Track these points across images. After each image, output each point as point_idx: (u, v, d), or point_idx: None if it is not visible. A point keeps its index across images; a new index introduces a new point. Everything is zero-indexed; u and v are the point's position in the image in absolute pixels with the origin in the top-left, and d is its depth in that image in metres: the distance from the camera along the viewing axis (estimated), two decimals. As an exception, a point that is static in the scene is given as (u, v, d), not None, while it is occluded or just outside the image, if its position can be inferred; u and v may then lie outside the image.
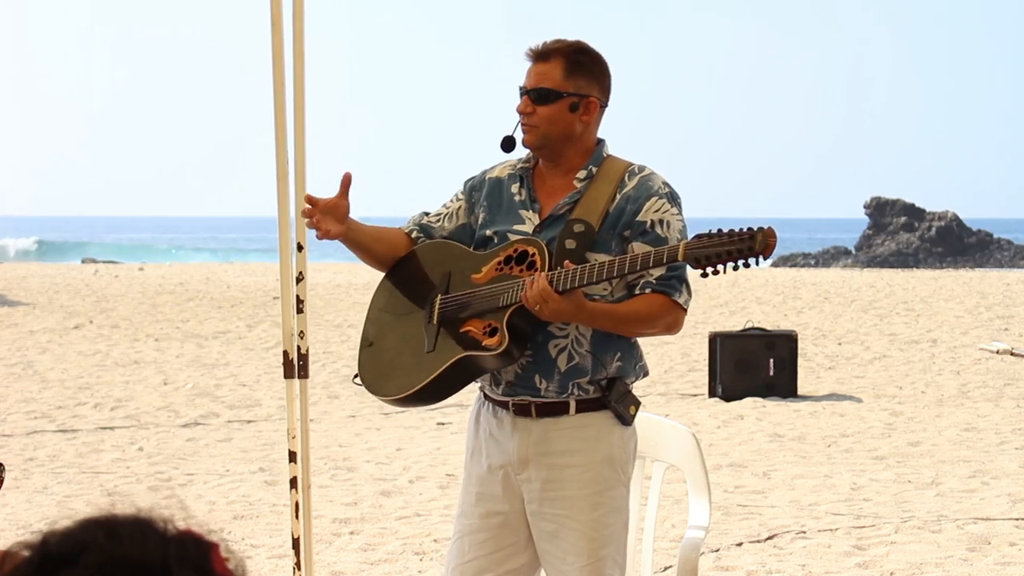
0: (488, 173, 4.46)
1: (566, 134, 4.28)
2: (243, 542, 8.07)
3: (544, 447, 4.25)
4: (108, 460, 10.57)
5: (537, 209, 4.32)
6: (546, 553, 4.29)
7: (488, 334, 4.20)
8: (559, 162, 4.33)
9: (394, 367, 4.40)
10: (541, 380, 4.23)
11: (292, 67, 5.17)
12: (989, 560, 7.68)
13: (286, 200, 5.23)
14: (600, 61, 4.33)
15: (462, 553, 4.37)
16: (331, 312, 22.32)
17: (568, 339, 4.22)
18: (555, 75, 4.26)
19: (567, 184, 4.32)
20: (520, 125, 4.30)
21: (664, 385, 14.79)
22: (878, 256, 51.71)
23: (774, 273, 35.72)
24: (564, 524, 4.24)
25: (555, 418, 4.25)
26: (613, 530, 4.26)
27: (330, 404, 13.47)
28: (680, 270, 4.21)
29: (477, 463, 4.38)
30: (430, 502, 9.12)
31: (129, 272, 32.76)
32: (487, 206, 4.40)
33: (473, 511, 4.36)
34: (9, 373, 15.37)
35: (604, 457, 4.24)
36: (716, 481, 9.53)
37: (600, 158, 4.32)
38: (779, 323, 20.40)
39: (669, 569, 7.36)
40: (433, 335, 4.33)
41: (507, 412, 4.29)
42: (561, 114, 4.26)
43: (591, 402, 4.24)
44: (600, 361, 4.22)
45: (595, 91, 4.30)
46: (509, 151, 4.38)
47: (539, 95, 4.26)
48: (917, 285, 29.07)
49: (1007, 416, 12.82)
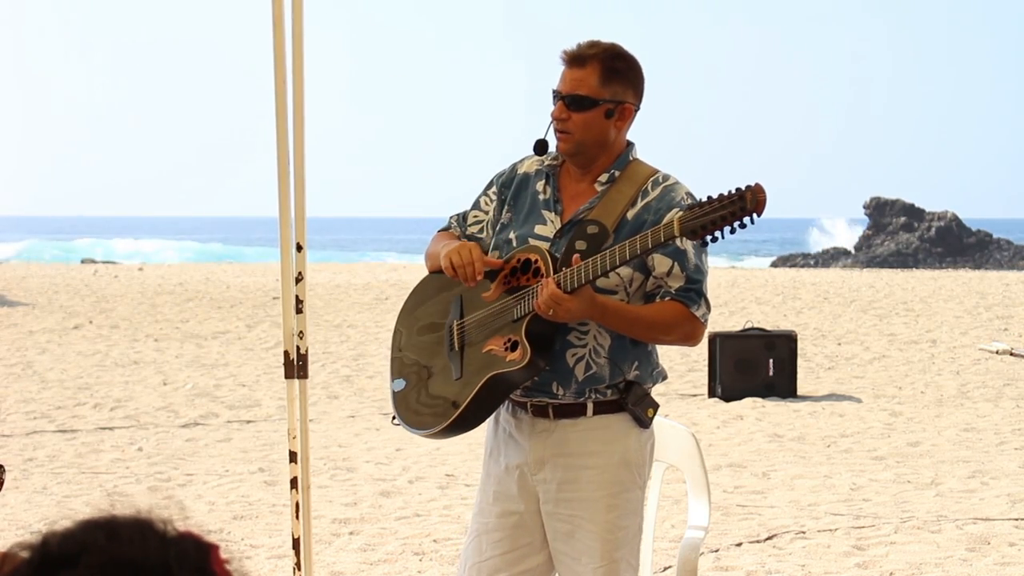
0: (518, 167, 4.42)
1: (600, 141, 4.24)
2: (243, 542, 8.07)
3: (561, 448, 4.24)
4: (108, 460, 10.57)
5: (559, 211, 4.29)
6: (560, 554, 4.27)
7: (510, 349, 4.18)
8: (590, 167, 4.30)
9: (427, 401, 4.37)
10: (558, 387, 4.22)
11: (292, 67, 5.17)
12: (989, 560, 7.68)
13: (286, 200, 5.23)
14: (635, 66, 4.28)
15: (479, 551, 4.36)
16: (331, 312, 22.32)
17: (586, 348, 4.20)
18: (591, 81, 4.21)
19: (591, 188, 4.29)
20: (554, 131, 4.26)
21: (664, 385, 14.75)
22: (878, 256, 51.73)
23: (774, 273, 35.73)
24: (579, 525, 4.22)
25: (573, 419, 4.23)
26: (628, 532, 4.25)
27: (330, 404, 13.47)
28: (699, 283, 4.18)
29: (495, 462, 4.36)
30: (430, 502, 9.12)
31: (128, 272, 32.76)
32: (513, 205, 4.37)
33: (490, 510, 4.36)
34: (9, 373, 15.37)
35: (621, 459, 4.23)
36: (716, 481, 9.53)
37: (625, 162, 4.29)
38: (779, 323, 20.40)
39: (669, 569, 7.37)
40: (458, 362, 4.31)
41: (526, 412, 4.28)
42: (597, 121, 4.22)
43: (609, 404, 4.23)
44: (619, 368, 4.21)
45: (630, 96, 4.26)
46: (542, 154, 4.34)
47: (575, 101, 4.21)
48: (917, 285, 29.06)
49: (1007, 416, 12.83)
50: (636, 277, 4.21)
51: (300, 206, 5.25)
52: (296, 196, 5.21)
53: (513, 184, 4.39)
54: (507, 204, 4.38)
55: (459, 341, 4.33)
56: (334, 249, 73.12)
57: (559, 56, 4.27)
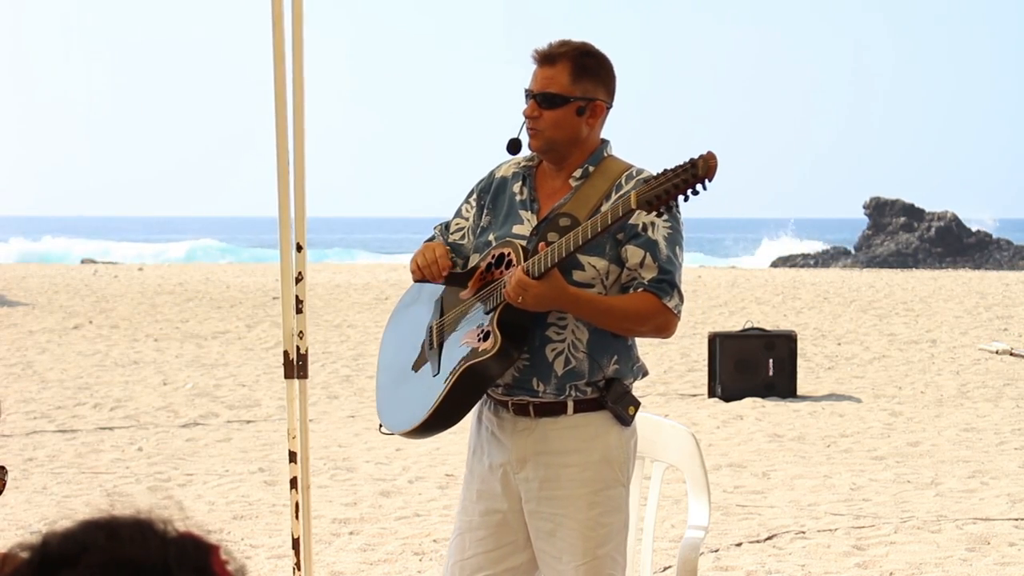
0: (495, 172, 4.48)
1: (572, 138, 4.29)
2: (242, 542, 8.07)
3: (542, 446, 4.26)
4: (107, 460, 10.57)
5: (536, 209, 4.34)
6: (543, 552, 4.29)
7: (482, 339, 4.22)
8: (563, 165, 4.34)
9: (407, 400, 4.42)
10: (539, 383, 4.24)
11: (292, 67, 5.18)
12: (988, 560, 7.68)
13: (286, 200, 5.23)
14: (606, 63, 4.34)
15: (462, 549, 4.39)
16: (330, 312, 22.32)
17: (565, 343, 4.23)
18: (562, 79, 4.26)
19: (566, 185, 4.34)
20: (526, 129, 4.31)
21: (664, 385, 14.79)
22: (877, 256, 51.72)
23: (773, 273, 35.74)
24: (561, 523, 4.24)
25: (553, 418, 4.26)
26: (611, 529, 4.26)
27: (329, 404, 13.47)
28: (672, 275, 4.21)
29: (479, 460, 4.40)
30: (429, 502, 9.12)
31: (128, 272, 32.76)
32: (492, 209, 4.43)
33: (473, 508, 4.38)
34: (8, 373, 15.37)
35: (602, 457, 4.24)
36: (715, 481, 9.53)
37: (599, 158, 4.33)
38: (778, 323, 20.41)
39: (669, 569, 7.37)
40: (436, 359, 4.37)
41: (507, 411, 4.31)
42: (568, 118, 4.26)
43: (589, 402, 4.25)
44: (597, 363, 4.23)
45: (601, 94, 4.31)
46: (515, 153, 4.39)
47: (546, 99, 4.26)
48: (916, 285, 29.07)
49: (1006, 416, 12.83)
50: (612, 270, 4.23)
51: (300, 206, 5.26)
52: (296, 196, 5.21)
53: (491, 189, 4.44)
54: (486, 209, 4.44)
55: (437, 339, 4.40)
56: (335, 248, 73.08)
57: (530, 56, 4.31)
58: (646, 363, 4.45)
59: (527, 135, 4.32)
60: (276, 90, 5.19)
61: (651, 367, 15.93)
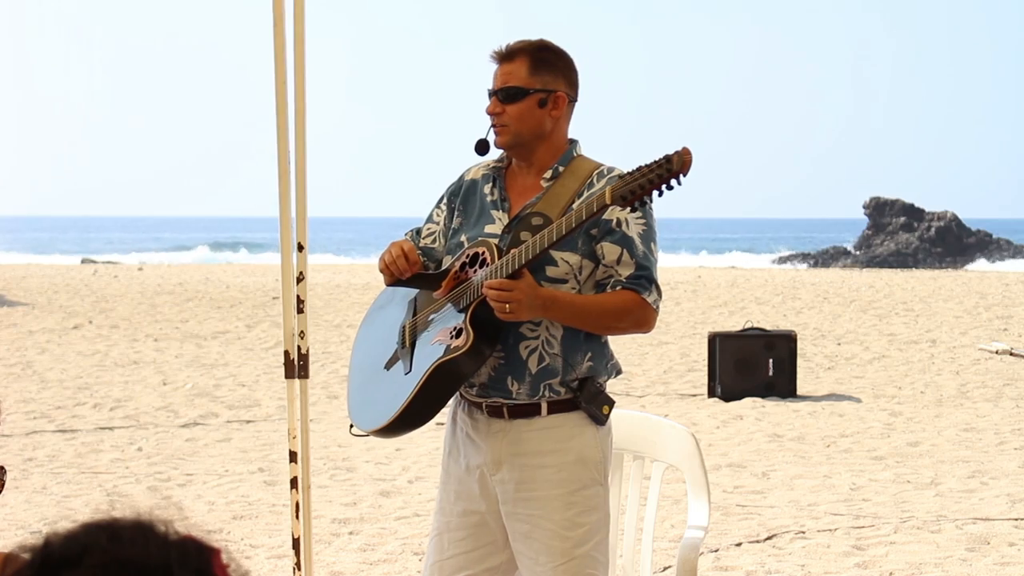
0: (465, 176, 4.51)
1: (537, 131, 4.31)
2: (242, 542, 8.07)
3: (517, 448, 4.26)
4: (107, 460, 10.58)
5: (507, 208, 4.36)
6: (520, 555, 4.29)
7: (454, 336, 4.23)
8: (531, 160, 4.36)
9: (378, 399, 4.42)
10: (513, 382, 4.24)
11: (293, 67, 5.18)
12: (988, 560, 7.68)
13: (287, 200, 5.23)
14: (564, 56, 4.37)
15: (440, 550, 4.39)
16: (330, 312, 22.33)
17: (539, 340, 4.23)
18: (521, 73, 4.30)
19: (537, 184, 4.35)
20: (492, 127, 4.33)
21: (663, 385, 14.79)
22: (877, 256, 51.75)
23: (773, 273, 35.75)
24: (537, 524, 4.23)
25: (527, 419, 4.26)
26: (589, 529, 4.25)
27: (329, 404, 13.48)
28: (649, 270, 4.23)
29: (455, 461, 4.39)
30: (429, 502, 9.12)
31: (128, 272, 32.77)
32: (463, 211, 4.44)
33: (451, 509, 4.38)
34: (8, 373, 15.38)
35: (577, 457, 4.24)
36: (715, 481, 9.53)
37: (569, 158, 4.35)
38: (778, 323, 20.41)
39: (668, 569, 7.37)
40: (408, 357, 4.38)
41: (481, 413, 4.31)
42: (531, 111, 4.29)
43: (563, 403, 4.25)
44: (570, 363, 4.23)
45: (562, 85, 4.33)
46: (483, 154, 4.41)
47: (507, 94, 4.29)
48: (916, 285, 29.08)
49: (1006, 416, 12.83)
50: (585, 265, 4.23)
51: (301, 206, 5.26)
52: (297, 196, 5.22)
53: (461, 192, 4.46)
54: (457, 211, 4.45)
55: (410, 338, 4.41)
56: (333, 249, 73.08)
57: (489, 56, 4.34)
58: (646, 363, 4.46)
59: (493, 134, 4.34)
60: (277, 90, 5.19)
61: (651, 367, 16.00)
